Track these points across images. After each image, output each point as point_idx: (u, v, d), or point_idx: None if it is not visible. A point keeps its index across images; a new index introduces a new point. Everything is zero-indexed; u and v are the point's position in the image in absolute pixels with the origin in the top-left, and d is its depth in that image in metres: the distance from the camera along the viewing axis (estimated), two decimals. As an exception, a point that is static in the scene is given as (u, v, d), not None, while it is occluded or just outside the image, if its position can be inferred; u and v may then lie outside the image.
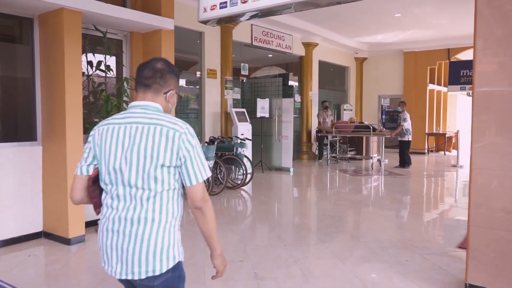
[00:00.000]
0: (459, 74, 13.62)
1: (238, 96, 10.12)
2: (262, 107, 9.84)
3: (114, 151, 1.61)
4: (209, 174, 1.68)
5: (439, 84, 15.30)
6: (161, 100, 1.69)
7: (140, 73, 1.70)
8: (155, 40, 5.15)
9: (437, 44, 13.69)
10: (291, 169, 9.84)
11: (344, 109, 14.65)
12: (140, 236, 1.57)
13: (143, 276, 1.59)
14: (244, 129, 8.97)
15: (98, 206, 1.72)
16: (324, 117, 12.02)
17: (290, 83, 13.80)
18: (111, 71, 4.84)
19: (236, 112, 9.22)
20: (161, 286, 1.63)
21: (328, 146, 11.51)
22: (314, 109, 12.69)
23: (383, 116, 15.80)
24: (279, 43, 11.35)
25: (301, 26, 11.19)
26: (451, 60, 13.99)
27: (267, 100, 9.94)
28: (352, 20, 11.06)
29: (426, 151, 14.34)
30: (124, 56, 5.25)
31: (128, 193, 1.60)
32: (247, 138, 8.10)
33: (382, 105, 15.78)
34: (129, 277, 1.61)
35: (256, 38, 10.49)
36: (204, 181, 1.68)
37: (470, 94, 18.91)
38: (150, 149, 1.56)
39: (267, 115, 9.93)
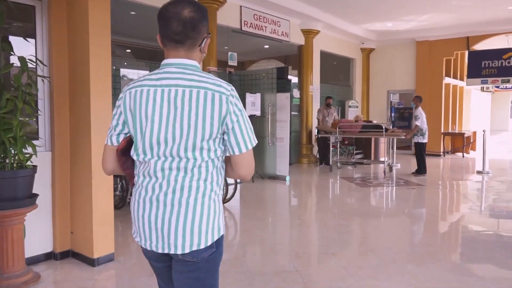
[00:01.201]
0: (480, 65, 11.99)
1: (225, 91, 8.55)
2: (253, 103, 8.25)
3: (151, 119, 1.41)
4: (256, 141, 1.50)
5: (455, 77, 13.65)
6: (196, 54, 1.49)
7: (166, 25, 1.43)
8: (81, 8, 3.57)
9: (455, 32, 12.02)
10: (288, 178, 8.25)
11: (349, 106, 13.01)
12: (185, 205, 1.41)
13: (186, 250, 1.42)
14: (229, 131, 7.38)
15: (132, 177, 1.55)
16: (324, 114, 10.37)
17: (289, 77, 12.13)
18: (11, 51, 3.25)
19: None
20: (204, 262, 1.46)
21: (330, 148, 9.87)
22: (315, 106, 11.07)
23: (393, 114, 14.16)
24: (274, 29, 9.73)
25: (299, 9, 9.55)
26: (471, 50, 12.32)
27: (258, 95, 8.34)
28: (359, 2, 9.43)
29: (442, 153, 12.70)
30: (39, 29, 3.66)
31: (169, 162, 1.42)
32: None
33: (391, 102, 14.12)
34: (171, 251, 1.43)
35: (246, 23, 8.89)
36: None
37: (486, 89, 17.31)
38: (194, 118, 1.38)
39: (258, 112, 8.34)
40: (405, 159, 11.50)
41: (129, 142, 1.51)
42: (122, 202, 5.55)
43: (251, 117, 8.21)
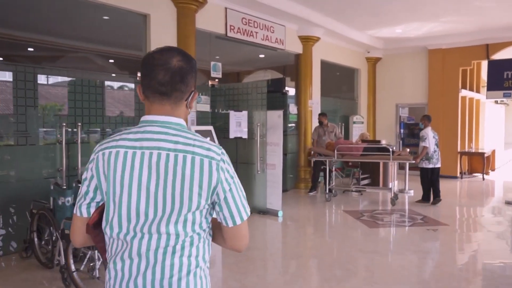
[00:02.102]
0: (502, 76, 10.56)
1: (207, 108, 7.20)
2: (238, 123, 6.88)
3: (127, 187, 1.21)
4: (249, 212, 1.32)
5: (471, 89, 12.25)
6: (182, 110, 1.32)
7: (151, 74, 1.26)
8: None
9: (472, 39, 10.67)
10: (280, 213, 6.83)
11: (354, 122, 11.63)
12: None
13: None
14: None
15: (105, 251, 1.31)
16: (320, 133, 8.90)
17: (287, 89, 10.72)
18: None
19: (198, 131, 6.26)
20: None
21: (327, 173, 8.40)
22: (315, 123, 9.69)
23: (401, 130, 12.77)
24: (267, 36, 8.40)
25: (296, 13, 8.23)
26: (491, 59, 10.94)
27: (245, 113, 6.97)
28: (364, 5, 8.11)
29: (459, 174, 11.25)
30: None
31: (146, 240, 1.21)
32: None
33: (400, 116, 12.73)
34: None
35: (232, 28, 7.56)
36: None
37: (500, 101, 15.87)
38: (179, 188, 1.19)
39: (245, 134, 6.97)
40: (419, 182, 10.06)
41: (101, 214, 1.27)
42: (51, 263, 4.16)
43: (237, 140, 6.86)
